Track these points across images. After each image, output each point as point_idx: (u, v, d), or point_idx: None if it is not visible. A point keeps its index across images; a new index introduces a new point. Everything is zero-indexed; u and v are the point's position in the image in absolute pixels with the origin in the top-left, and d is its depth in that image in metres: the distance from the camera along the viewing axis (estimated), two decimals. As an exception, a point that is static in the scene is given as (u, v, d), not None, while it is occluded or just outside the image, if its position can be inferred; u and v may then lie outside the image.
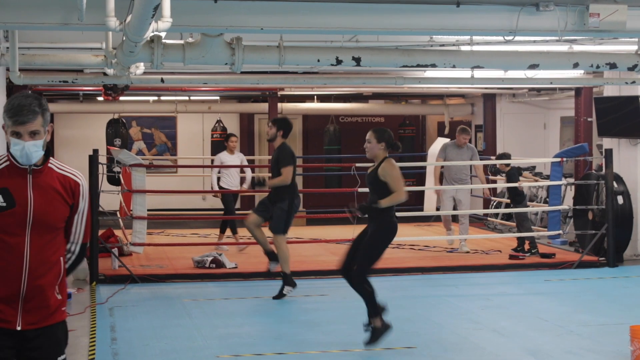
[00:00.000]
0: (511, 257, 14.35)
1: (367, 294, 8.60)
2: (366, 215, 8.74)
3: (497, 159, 15.18)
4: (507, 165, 14.69)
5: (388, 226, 8.68)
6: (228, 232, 15.34)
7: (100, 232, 13.27)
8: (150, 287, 12.20)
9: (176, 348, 8.78)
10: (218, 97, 21.49)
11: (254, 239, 11.71)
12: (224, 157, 15.48)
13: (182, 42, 8.95)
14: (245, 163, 16.05)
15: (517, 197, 14.89)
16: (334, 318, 10.20)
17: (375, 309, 8.59)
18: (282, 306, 11.09)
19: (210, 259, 13.23)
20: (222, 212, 16.09)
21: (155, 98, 20.95)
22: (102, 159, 13.95)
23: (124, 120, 20.55)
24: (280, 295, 11.29)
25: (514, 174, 14.88)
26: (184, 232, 17.92)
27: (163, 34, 8.60)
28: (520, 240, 14.73)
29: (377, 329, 8.59)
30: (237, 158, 15.57)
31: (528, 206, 15.15)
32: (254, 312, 10.86)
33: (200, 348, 8.81)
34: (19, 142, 4.33)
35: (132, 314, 10.40)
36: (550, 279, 12.95)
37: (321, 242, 15.36)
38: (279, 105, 20.39)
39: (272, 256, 11.41)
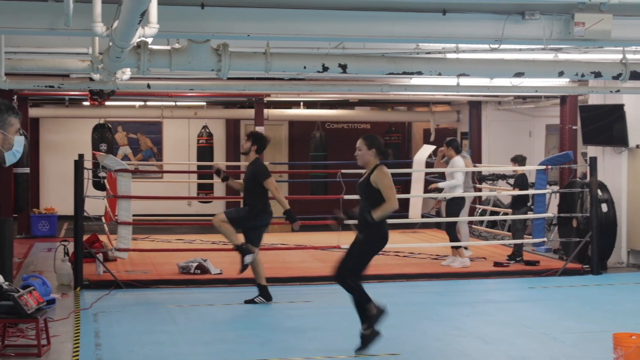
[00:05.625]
0: (496, 264, 14.38)
1: (356, 289, 8.58)
2: (353, 221, 8.74)
3: (512, 160, 15.20)
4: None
5: (379, 235, 8.67)
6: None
7: (85, 237, 13.23)
8: (134, 293, 12.18)
9: (160, 354, 8.77)
10: (204, 103, 21.48)
11: (222, 235, 11.63)
12: None
13: (168, 48, 8.95)
14: None
15: (517, 203, 14.93)
16: (319, 324, 10.20)
17: (366, 297, 8.58)
18: (267, 312, 11.09)
19: (195, 264, 13.22)
20: (206, 218, 16.03)
21: (142, 103, 20.92)
22: (88, 164, 13.92)
23: (109, 125, 20.52)
24: (252, 301, 11.33)
25: (522, 179, 14.93)
26: (169, 238, 17.89)
27: (150, 40, 8.60)
28: (517, 248, 14.71)
29: (373, 315, 8.58)
30: None
31: (527, 214, 15.17)
32: (238, 318, 10.85)
33: (184, 354, 8.80)
34: None
35: (117, 320, 10.38)
36: (534, 287, 13.00)
37: (306, 249, 15.35)
38: (265, 111, 20.38)
39: (242, 250, 11.35)
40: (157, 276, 13.15)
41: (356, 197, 8.82)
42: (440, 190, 14.75)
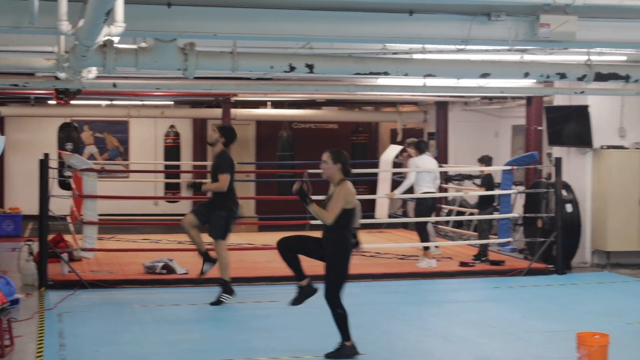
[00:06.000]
0: (461, 264, 14.45)
1: (339, 317, 8.57)
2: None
3: (478, 160, 15.27)
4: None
5: (340, 248, 8.62)
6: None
7: (50, 237, 13.14)
8: (100, 293, 12.11)
9: (125, 354, 8.74)
10: (171, 102, 21.39)
11: (190, 239, 11.65)
12: None
13: (135, 47, 8.91)
14: None
15: (483, 204, 15.01)
16: (284, 324, 10.21)
17: (346, 333, 8.58)
18: (233, 312, 11.07)
19: (161, 264, 13.18)
20: (173, 218, 16.00)
21: (108, 102, 20.78)
22: (53, 163, 13.83)
23: (75, 125, 20.39)
24: (218, 302, 11.30)
25: (488, 180, 15.02)
26: (135, 238, 17.80)
27: (116, 39, 8.56)
28: (483, 248, 14.80)
29: (345, 347, 8.59)
30: None
31: (493, 214, 15.25)
32: (204, 318, 10.82)
33: (149, 354, 8.77)
34: None
35: (82, 320, 10.32)
36: (499, 286, 13.07)
37: (273, 249, 15.27)
38: (233, 111, 20.35)
39: (206, 257, 11.42)
40: (123, 276, 13.09)
41: (323, 197, 8.79)
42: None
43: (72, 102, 15.49)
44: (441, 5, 7.93)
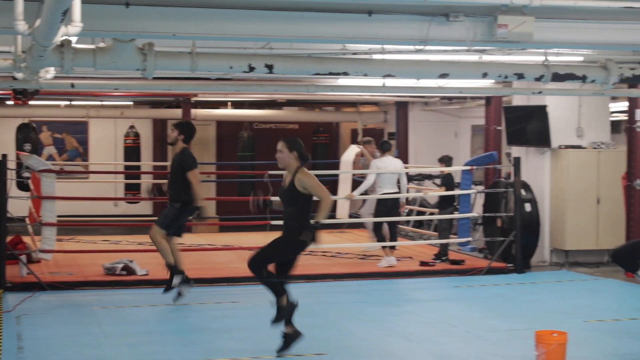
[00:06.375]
0: (422, 263, 14.51)
1: (265, 280, 8.53)
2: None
3: (439, 160, 15.35)
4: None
5: (298, 241, 8.64)
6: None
7: (8, 238, 13.01)
8: (59, 295, 12.01)
9: (84, 357, 8.69)
10: (131, 103, 21.27)
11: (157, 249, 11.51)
12: None
13: (93, 47, 8.85)
14: None
15: (443, 203, 15.08)
16: (245, 325, 10.19)
17: (277, 290, 8.53)
18: (193, 313, 11.04)
19: (121, 265, 13.10)
20: (134, 218, 15.91)
21: (67, 103, 20.62)
22: (11, 164, 13.72)
23: (34, 125, 20.20)
24: (170, 287, 11.23)
25: (448, 179, 15.10)
26: (95, 239, 17.69)
27: (74, 39, 8.50)
28: (443, 248, 14.88)
29: (282, 303, 8.54)
30: None
31: (453, 213, 15.34)
32: (164, 320, 10.79)
33: (109, 356, 8.72)
34: None
35: (40, 323, 10.23)
36: (459, 285, 13.15)
37: (234, 249, 15.31)
38: (193, 111, 20.28)
39: (173, 270, 11.29)
40: (82, 277, 12.99)
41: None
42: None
43: (30, 102, 15.35)
44: (400, 5, 7.95)
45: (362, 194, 15.02)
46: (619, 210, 14.37)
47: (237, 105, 22.02)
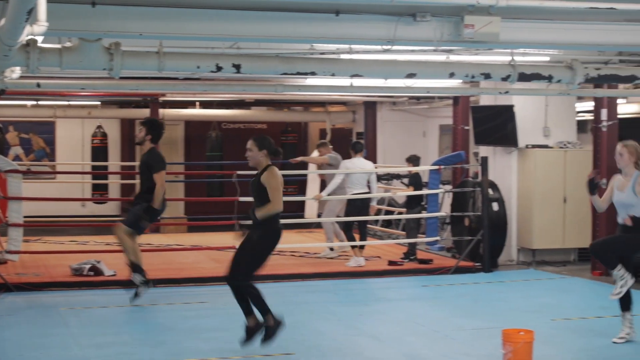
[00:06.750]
0: (390, 263, 14.55)
1: (254, 296, 8.60)
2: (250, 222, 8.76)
3: (406, 160, 15.39)
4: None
5: (272, 233, 8.68)
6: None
7: (-26, 239, 12.94)
8: (26, 296, 11.93)
9: (52, 358, 8.63)
10: (99, 102, 21.16)
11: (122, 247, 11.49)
12: None
13: (59, 46, 8.79)
14: None
15: (411, 203, 15.12)
16: (213, 325, 10.17)
17: (265, 307, 8.60)
18: (161, 314, 11.01)
19: (88, 266, 13.03)
20: (101, 219, 15.83)
21: (34, 102, 20.48)
22: (-23, 164, 13.60)
23: (0, 125, 20.05)
24: (131, 285, 11.22)
25: (416, 179, 15.14)
26: (62, 240, 17.58)
27: (39, 38, 8.44)
28: (411, 247, 14.92)
29: (270, 327, 8.61)
30: None
31: (422, 212, 15.40)
32: (132, 320, 10.74)
33: (76, 357, 8.68)
34: None
35: (7, 324, 10.16)
36: (427, 285, 13.19)
37: (202, 250, 15.28)
38: (161, 111, 20.20)
39: (135, 268, 11.27)
40: (49, 278, 12.91)
41: (252, 199, 8.81)
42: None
43: (-4, 102, 15.27)
44: (367, 5, 7.97)
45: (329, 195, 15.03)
46: (585, 209, 14.49)
47: (205, 105, 21.97)
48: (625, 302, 9.31)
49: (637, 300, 9.65)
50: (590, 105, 15.36)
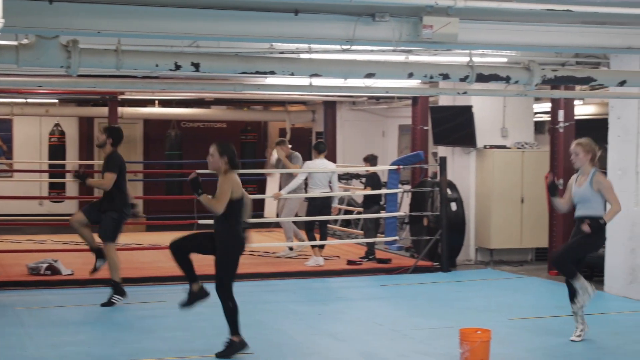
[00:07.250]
0: (349, 262, 14.58)
1: (229, 311, 8.57)
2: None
3: (364, 160, 15.42)
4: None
5: (231, 241, 8.64)
6: None
7: None
8: (-19, 295, 11.84)
9: (7, 357, 8.55)
10: (56, 100, 20.98)
11: (80, 237, 11.52)
12: None
13: (16, 43, 8.71)
14: None
15: (369, 203, 15.16)
16: (171, 325, 10.14)
17: (235, 327, 8.58)
18: (119, 313, 10.95)
19: (45, 265, 12.93)
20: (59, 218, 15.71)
21: (-10, 100, 20.29)
22: None
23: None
24: (109, 303, 11.18)
25: (373, 179, 15.18)
26: (19, 239, 17.42)
27: (-5, 35, 8.36)
28: (370, 247, 14.96)
29: (234, 344, 8.58)
30: None
31: (379, 212, 15.44)
32: (90, 320, 10.67)
33: (32, 357, 8.61)
34: None
35: (-38, 323, 10.07)
36: (386, 284, 13.23)
37: (161, 249, 15.18)
38: (120, 109, 20.07)
39: (99, 254, 11.31)
40: (5, 278, 12.79)
41: (210, 196, 8.79)
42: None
43: (-48, 100, 15.09)
44: (326, 5, 7.98)
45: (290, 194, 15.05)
46: (542, 209, 14.60)
47: (164, 103, 21.88)
48: (571, 293, 9.42)
49: (594, 300, 9.74)
50: (547, 106, 15.51)
